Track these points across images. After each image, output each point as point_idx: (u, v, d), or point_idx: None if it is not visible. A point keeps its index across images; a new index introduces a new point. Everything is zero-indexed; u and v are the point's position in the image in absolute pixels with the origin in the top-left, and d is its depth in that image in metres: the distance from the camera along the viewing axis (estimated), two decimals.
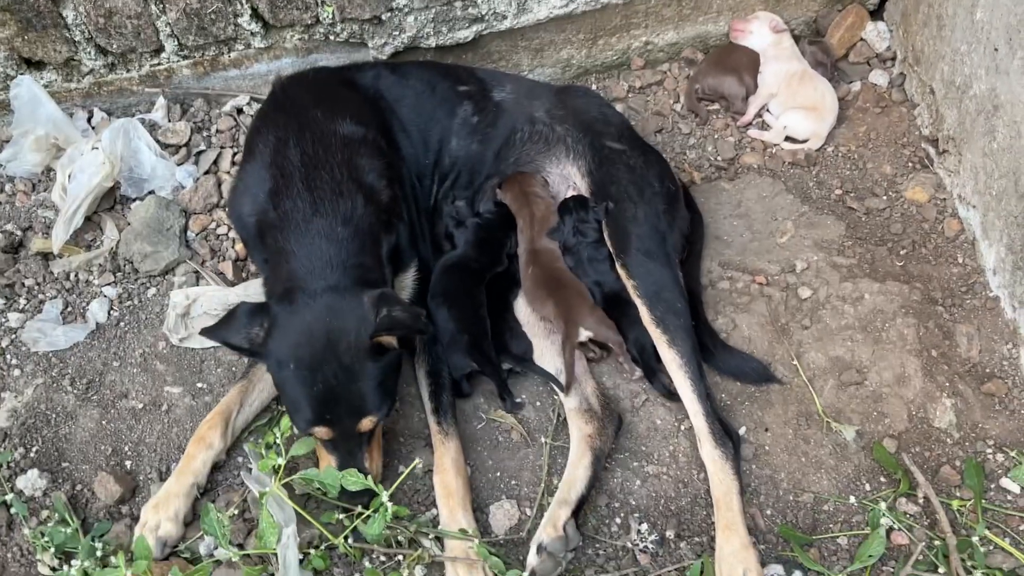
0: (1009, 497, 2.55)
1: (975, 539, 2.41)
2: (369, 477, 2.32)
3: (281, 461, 2.37)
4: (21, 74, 3.13)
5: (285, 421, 2.42)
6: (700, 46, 3.66)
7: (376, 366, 2.29)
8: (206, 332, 2.35)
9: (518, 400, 2.75)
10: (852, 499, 2.54)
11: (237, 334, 2.28)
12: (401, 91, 2.93)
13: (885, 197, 3.21)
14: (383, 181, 2.64)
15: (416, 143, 2.91)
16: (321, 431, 2.30)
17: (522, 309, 2.95)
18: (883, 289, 2.91)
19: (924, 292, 2.93)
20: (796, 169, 3.33)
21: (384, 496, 2.31)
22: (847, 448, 2.64)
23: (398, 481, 2.42)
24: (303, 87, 2.85)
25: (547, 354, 2.84)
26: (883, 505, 2.45)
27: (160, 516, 2.41)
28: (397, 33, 3.23)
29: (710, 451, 2.51)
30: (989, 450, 2.64)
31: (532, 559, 2.37)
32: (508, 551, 2.46)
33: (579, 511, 2.48)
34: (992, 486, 2.58)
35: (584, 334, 2.74)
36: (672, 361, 2.61)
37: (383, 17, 3.18)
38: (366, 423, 2.31)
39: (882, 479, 2.59)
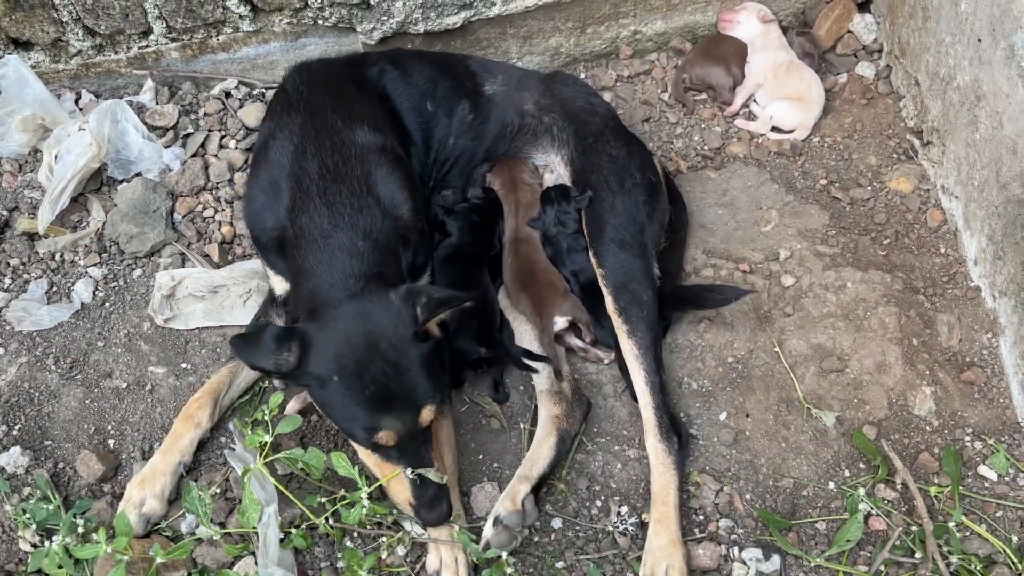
0: (986, 484, 2.58)
1: (952, 525, 2.43)
2: (356, 468, 2.29)
3: (268, 439, 2.37)
4: (8, 54, 3.12)
5: (274, 398, 2.42)
6: (688, 36, 3.66)
7: (421, 356, 2.19)
8: (235, 347, 2.29)
9: (507, 392, 2.77)
10: (831, 484, 2.56)
11: (266, 360, 2.16)
12: (405, 90, 2.89)
13: (870, 187, 3.23)
14: (404, 194, 2.57)
15: (420, 143, 2.91)
16: (384, 435, 2.16)
17: (503, 294, 2.97)
18: (865, 278, 2.93)
19: (906, 281, 2.95)
20: (782, 159, 3.34)
21: (365, 491, 2.28)
22: (827, 434, 2.67)
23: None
24: (315, 86, 2.75)
25: (527, 339, 2.85)
26: (861, 491, 2.47)
27: (145, 492, 2.42)
28: (386, 18, 3.23)
29: (654, 443, 2.52)
30: (967, 438, 2.67)
31: (488, 531, 2.39)
32: None
33: (539, 488, 2.50)
34: (970, 473, 2.60)
35: (560, 321, 2.76)
36: (629, 351, 2.62)
37: (372, 2, 3.18)
38: (426, 413, 2.19)
39: (861, 465, 2.62)
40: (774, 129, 3.41)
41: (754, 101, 3.49)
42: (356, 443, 2.30)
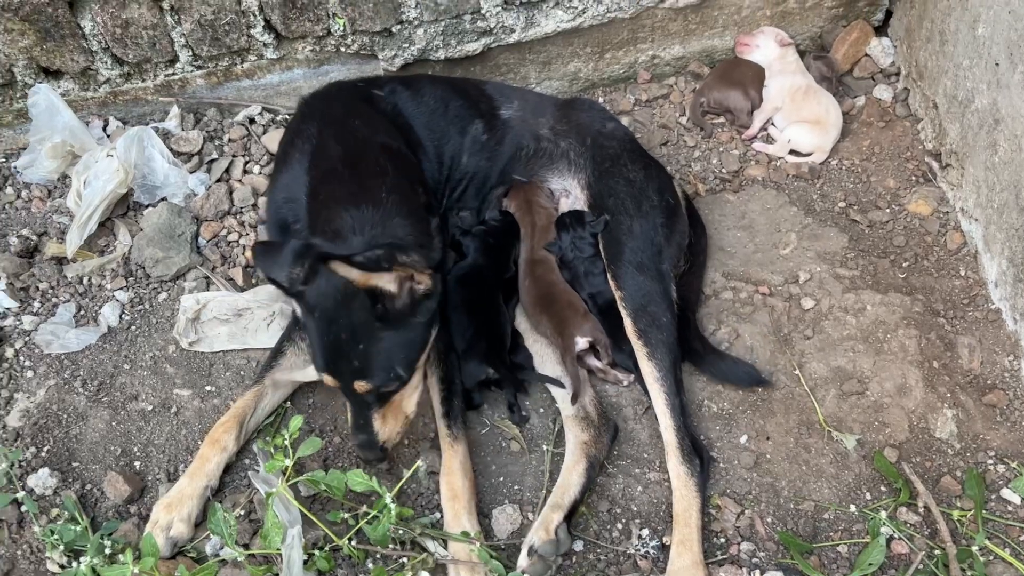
0: (1010, 508, 2.57)
1: (975, 549, 2.43)
2: (374, 479, 2.36)
3: (288, 463, 2.40)
4: (39, 83, 3.19)
5: (294, 422, 2.45)
6: (706, 60, 3.71)
7: (384, 333, 2.35)
8: (257, 253, 2.48)
9: (524, 414, 2.79)
10: (852, 507, 2.56)
11: (281, 272, 2.32)
12: (416, 108, 2.99)
13: (888, 210, 3.24)
14: (420, 187, 2.74)
15: (432, 159, 2.97)
16: (328, 380, 2.40)
17: (523, 318, 3.00)
18: (885, 300, 2.94)
19: (926, 304, 2.95)
20: (800, 182, 3.37)
21: (388, 497, 2.34)
22: (848, 457, 2.66)
23: (401, 482, 2.45)
24: (331, 102, 2.93)
25: (548, 361, 2.87)
26: (883, 514, 2.47)
27: (173, 515, 2.45)
28: (407, 46, 3.29)
29: (675, 466, 2.54)
30: (990, 461, 2.66)
31: (523, 561, 2.41)
32: (510, 555, 2.48)
33: (571, 516, 2.51)
34: (993, 496, 2.59)
35: (581, 342, 2.78)
36: (649, 374, 2.65)
37: (393, 30, 3.24)
38: (360, 385, 2.36)
39: (883, 488, 2.61)
40: (792, 152, 3.44)
41: (772, 124, 3.53)
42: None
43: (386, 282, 2.35)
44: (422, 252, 2.37)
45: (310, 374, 2.69)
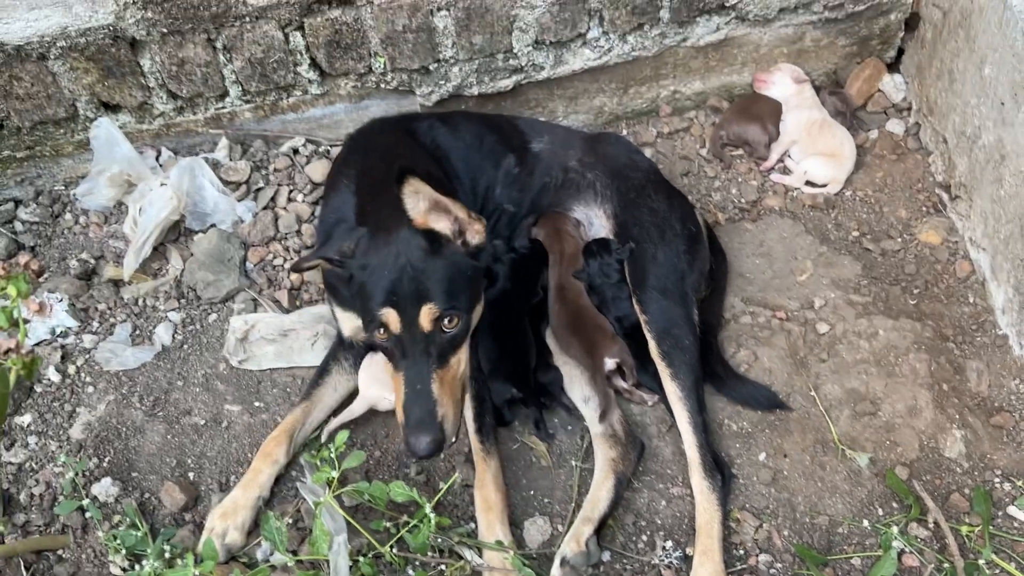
0: (1016, 524, 2.69)
1: (982, 562, 2.54)
2: (414, 490, 2.51)
3: (335, 474, 2.56)
4: (99, 116, 3.40)
5: (340, 436, 2.62)
6: (725, 95, 3.88)
7: (440, 263, 2.48)
8: (301, 262, 2.79)
9: (551, 432, 2.94)
10: (865, 522, 2.69)
11: (331, 249, 2.58)
12: (454, 142, 3.17)
13: (900, 239, 3.39)
14: None
15: (466, 191, 3.15)
16: (388, 313, 2.43)
17: (552, 340, 3.15)
18: (897, 326, 3.08)
19: (936, 329, 3.10)
20: (816, 212, 3.52)
21: (427, 507, 2.49)
22: (861, 474, 2.80)
23: (440, 493, 2.61)
24: (375, 135, 3.16)
25: (577, 382, 3.03)
26: (895, 529, 2.60)
27: (227, 524, 2.61)
28: (443, 82, 3.49)
29: (699, 481, 2.69)
30: (997, 479, 2.79)
31: (556, 572, 2.56)
32: (541, 564, 2.63)
33: (601, 529, 2.66)
34: (1000, 513, 2.72)
35: (610, 363, 2.93)
36: (673, 393, 2.80)
37: (430, 67, 3.44)
38: (427, 311, 2.41)
39: (894, 504, 2.74)
40: (808, 183, 3.59)
41: (789, 157, 3.68)
42: (366, 336, 2.63)
43: (443, 226, 2.53)
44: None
45: (354, 411, 2.88)
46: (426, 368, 2.43)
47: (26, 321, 2.35)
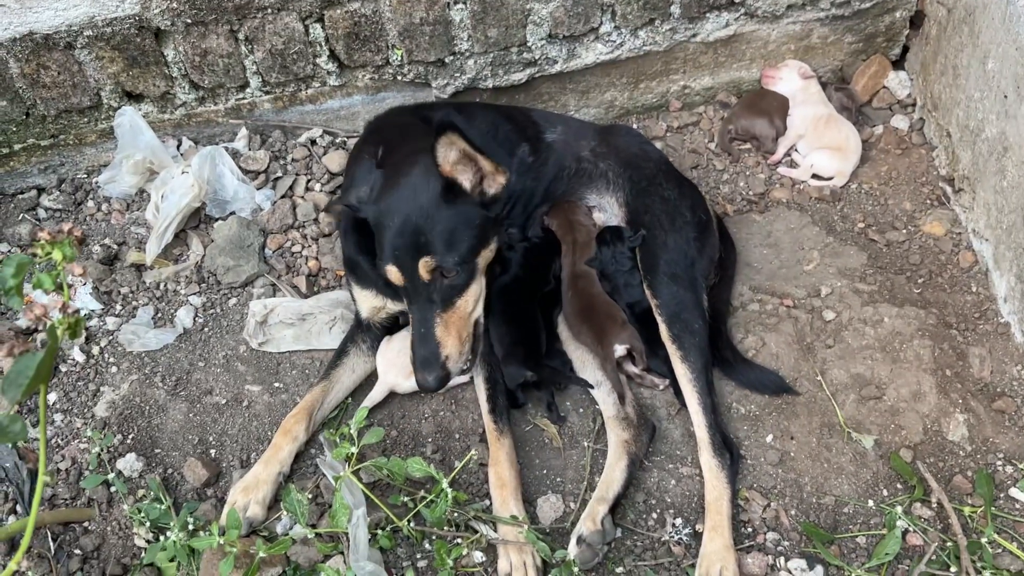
0: (1017, 505, 2.76)
1: (985, 541, 2.61)
2: (431, 466, 2.58)
3: (354, 450, 2.63)
4: (123, 105, 3.49)
5: (360, 413, 2.69)
6: (734, 90, 3.96)
7: (448, 213, 2.58)
8: (334, 203, 3.07)
9: (562, 415, 3.01)
10: (870, 503, 2.76)
11: (351, 196, 2.74)
12: (468, 130, 3.22)
13: (904, 231, 3.47)
14: None
15: None
16: (391, 270, 2.61)
17: (564, 327, 3.23)
18: (901, 313, 3.16)
19: (940, 317, 3.17)
20: (822, 204, 3.60)
21: (444, 483, 2.56)
22: (866, 456, 2.87)
23: (456, 470, 2.69)
24: (393, 118, 3.24)
25: (588, 367, 3.10)
26: (899, 509, 2.67)
27: (249, 498, 2.68)
28: (458, 75, 3.57)
29: (708, 459, 2.76)
30: (999, 462, 2.85)
31: (572, 549, 2.63)
32: (554, 539, 2.71)
33: (615, 508, 2.74)
34: (1001, 495, 2.78)
35: (620, 349, 3.00)
36: (683, 375, 2.87)
37: (446, 60, 3.52)
38: (424, 263, 2.57)
39: (898, 485, 2.81)
40: (815, 176, 3.67)
41: (796, 151, 3.76)
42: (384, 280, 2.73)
43: (465, 177, 2.62)
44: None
45: (375, 397, 2.96)
46: (430, 312, 2.62)
47: (70, 286, 2.46)
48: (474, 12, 3.38)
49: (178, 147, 3.68)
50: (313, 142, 3.73)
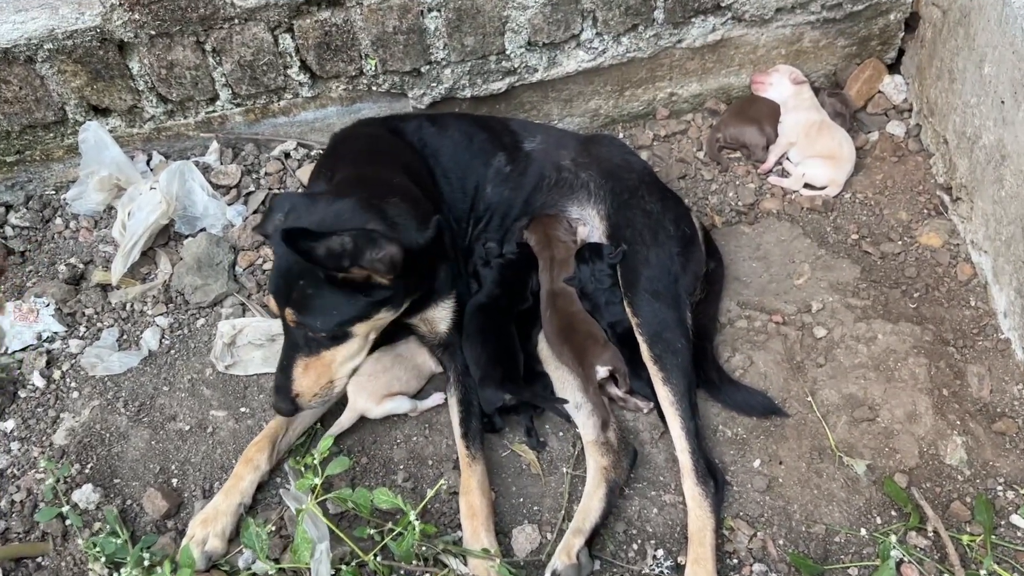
0: (1019, 534, 2.62)
1: (984, 573, 2.47)
2: (399, 497, 2.46)
3: (318, 481, 2.52)
4: (89, 120, 3.38)
5: (324, 442, 2.57)
6: (723, 97, 3.83)
7: (328, 289, 2.50)
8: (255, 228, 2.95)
9: (542, 440, 2.89)
10: (863, 531, 2.62)
11: (265, 227, 2.70)
12: (442, 141, 3.14)
13: (900, 242, 3.33)
14: (430, 203, 2.87)
15: (455, 189, 3.11)
16: (270, 300, 2.70)
17: (544, 346, 3.10)
18: (896, 330, 3.02)
19: (936, 333, 3.03)
20: (814, 214, 3.46)
21: (412, 515, 2.44)
22: (859, 482, 2.73)
23: (425, 500, 2.57)
24: (359, 134, 3.14)
25: (569, 388, 2.97)
26: (893, 538, 2.53)
27: (208, 531, 2.57)
28: (435, 85, 3.45)
29: (691, 487, 2.62)
30: (999, 487, 2.71)
31: None
32: (529, 572, 2.58)
33: (593, 539, 2.60)
34: (1002, 523, 2.64)
35: (602, 371, 2.88)
36: (665, 398, 2.74)
37: (422, 70, 3.40)
38: (288, 314, 2.54)
39: (893, 513, 2.67)
40: (807, 186, 3.54)
41: (787, 159, 3.63)
42: None
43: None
44: (395, 243, 2.45)
45: (343, 424, 2.84)
46: (294, 352, 2.62)
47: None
48: (449, 20, 3.27)
49: (148, 162, 3.58)
50: (287, 155, 3.62)
